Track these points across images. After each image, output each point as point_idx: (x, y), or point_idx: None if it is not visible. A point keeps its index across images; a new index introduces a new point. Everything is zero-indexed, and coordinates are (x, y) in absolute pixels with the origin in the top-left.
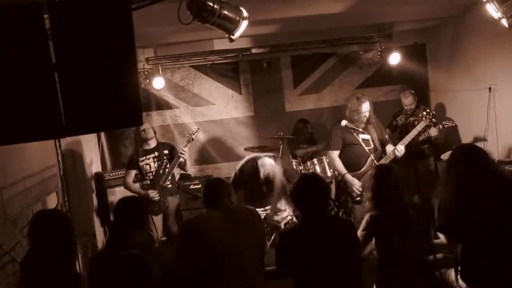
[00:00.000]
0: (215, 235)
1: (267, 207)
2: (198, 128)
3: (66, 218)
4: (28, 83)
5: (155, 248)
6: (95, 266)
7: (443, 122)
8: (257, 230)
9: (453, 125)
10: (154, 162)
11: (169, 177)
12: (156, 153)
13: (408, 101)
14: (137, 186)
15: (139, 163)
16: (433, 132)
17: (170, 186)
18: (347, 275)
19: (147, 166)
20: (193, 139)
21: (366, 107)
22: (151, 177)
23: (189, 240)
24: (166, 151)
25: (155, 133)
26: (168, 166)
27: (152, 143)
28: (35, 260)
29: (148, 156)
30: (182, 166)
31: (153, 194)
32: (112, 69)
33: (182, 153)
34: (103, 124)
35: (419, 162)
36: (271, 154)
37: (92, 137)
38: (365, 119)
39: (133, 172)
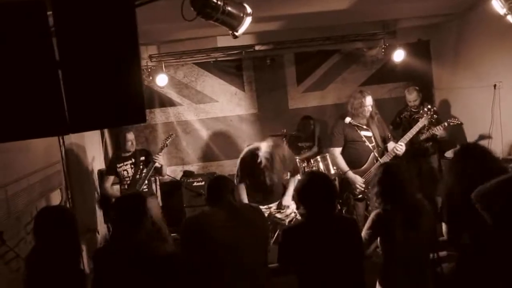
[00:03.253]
0: (217, 233)
1: (271, 205)
2: (171, 134)
3: (71, 215)
4: (32, 80)
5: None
6: (99, 261)
7: (449, 120)
8: (260, 228)
9: (459, 122)
10: (131, 168)
11: (146, 182)
12: (133, 160)
13: (412, 97)
14: (115, 190)
15: (117, 169)
16: (438, 130)
17: (146, 190)
18: (349, 273)
19: (125, 172)
20: (167, 145)
21: (369, 101)
22: (128, 182)
23: (190, 237)
24: (142, 158)
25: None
26: (144, 171)
27: (131, 150)
28: (40, 256)
29: (125, 163)
30: (159, 171)
31: None
32: (116, 66)
33: (155, 159)
34: (107, 121)
35: (422, 160)
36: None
37: (96, 134)
38: (368, 114)
39: (111, 178)
